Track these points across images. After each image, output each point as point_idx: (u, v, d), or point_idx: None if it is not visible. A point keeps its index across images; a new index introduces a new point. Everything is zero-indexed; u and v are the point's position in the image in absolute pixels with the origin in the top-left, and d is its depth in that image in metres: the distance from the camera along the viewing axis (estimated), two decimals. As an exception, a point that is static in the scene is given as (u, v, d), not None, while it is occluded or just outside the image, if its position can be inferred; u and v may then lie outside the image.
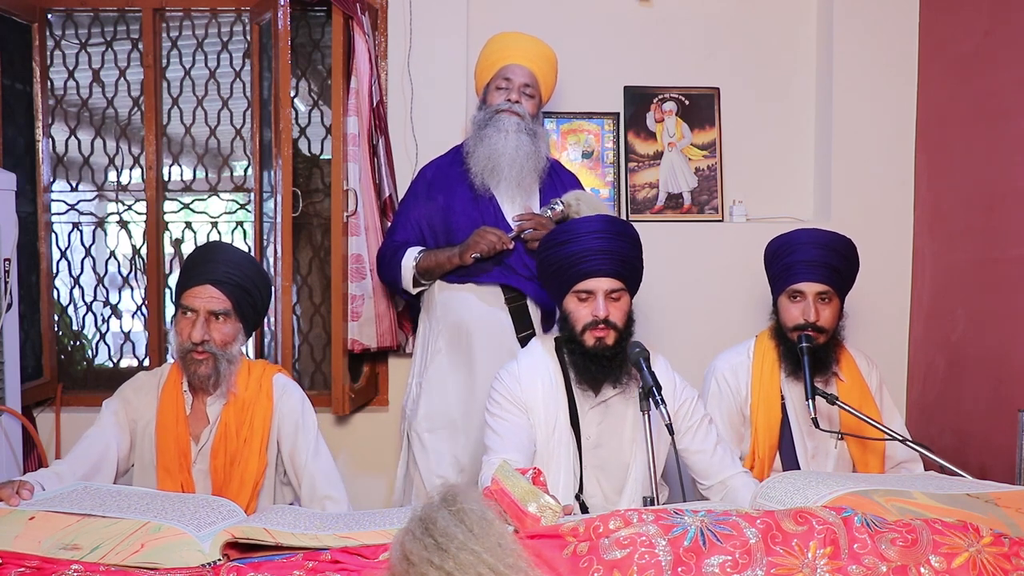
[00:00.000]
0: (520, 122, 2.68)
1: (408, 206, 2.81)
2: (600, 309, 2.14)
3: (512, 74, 2.74)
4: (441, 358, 2.72)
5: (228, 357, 2.17)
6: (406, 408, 2.84)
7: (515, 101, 2.70)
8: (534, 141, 2.69)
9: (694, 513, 1.54)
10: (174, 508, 1.80)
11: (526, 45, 2.81)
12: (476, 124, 2.74)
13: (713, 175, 3.37)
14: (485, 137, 2.67)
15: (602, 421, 2.22)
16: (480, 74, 2.85)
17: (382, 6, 3.22)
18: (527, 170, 2.69)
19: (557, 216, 2.69)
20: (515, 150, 2.65)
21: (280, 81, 2.92)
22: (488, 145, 2.66)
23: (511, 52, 2.78)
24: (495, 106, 2.71)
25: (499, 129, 2.66)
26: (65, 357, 3.37)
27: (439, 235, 2.73)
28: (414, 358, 2.87)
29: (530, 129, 2.70)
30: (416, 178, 2.88)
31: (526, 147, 2.67)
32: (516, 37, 2.85)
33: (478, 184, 2.69)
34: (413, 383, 2.83)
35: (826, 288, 2.39)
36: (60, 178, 3.36)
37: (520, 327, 2.69)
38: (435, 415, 2.72)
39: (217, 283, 2.15)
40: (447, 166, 2.81)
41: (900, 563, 1.45)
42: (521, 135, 2.66)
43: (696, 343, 3.05)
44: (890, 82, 3.26)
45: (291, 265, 3.02)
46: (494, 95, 2.74)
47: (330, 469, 2.24)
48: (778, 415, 2.45)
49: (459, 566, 1.32)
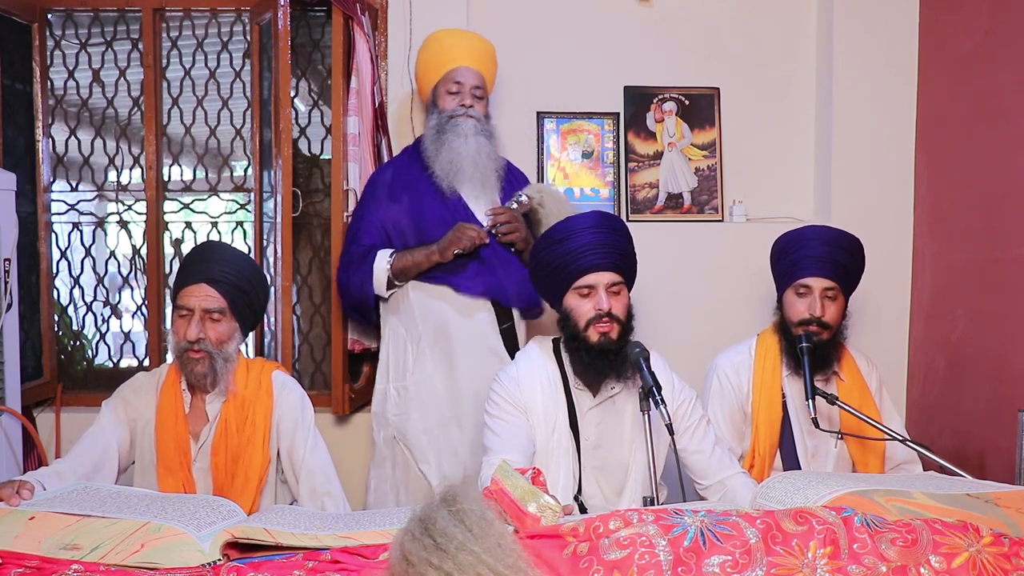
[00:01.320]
0: (477, 124, 2.74)
1: (369, 209, 2.80)
2: (603, 302, 2.15)
3: (462, 77, 2.78)
4: (425, 360, 2.72)
5: (224, 356, 2.18)
6: (386, 414, 2.79)
7: (469, 106, 2.75)
8: (491, 141, 2.77)
9: (694, 513, 1.54)
10: (174, 508, 1.80)
11: (471, 45, 2.84)
12: (433, 129, 2.76)
13: (713, 175, 3.37)
14: (446, 142, 2.72)
15: (601, 422, 2.23)
16: (425, 75, 2.87)
17: (382, 6, 3.22)
18: (489, 170, 2.76)
19: (523, 209, 2.78)
20: (476, 152, 2.71)
21: (280, 81, 2.92)
22: (450, 149, 2.71)
23: (458, 54, 2.80)
24: (450, 111, 2.75)
25: (458, 134, 2.71)
26: (65, 357, 3.37)
27: (408, 236, 2.74)
28: (386, 363, 2.82)
29: (486, 130, 2.77)
30: (371, 182, 2.87)
31: (486, 148, 2.73)
32: (459, 37, 2.87)
33: (444, 187, 2.72)
34: (391, 388, 2.79)
35: (833, 284, 2.40)
36: (60, 178, 3.36)
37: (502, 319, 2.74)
38: (429, 417, 2.71)
39: (212, 282, 2.16)
40: (405, 168, 2.82)
41: (900, 563, 1.45)
42: (480, 137, 2.73)
43: (696, 343, 3.05)
44: (890, 82, 3.26)
45: (291, 265, 3.02)
46: (446, 99, 2.78)
47: (327, 465, 2.24)
48: (779, 413, 2.46)
49: (458, 566, 1.32)
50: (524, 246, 2.74)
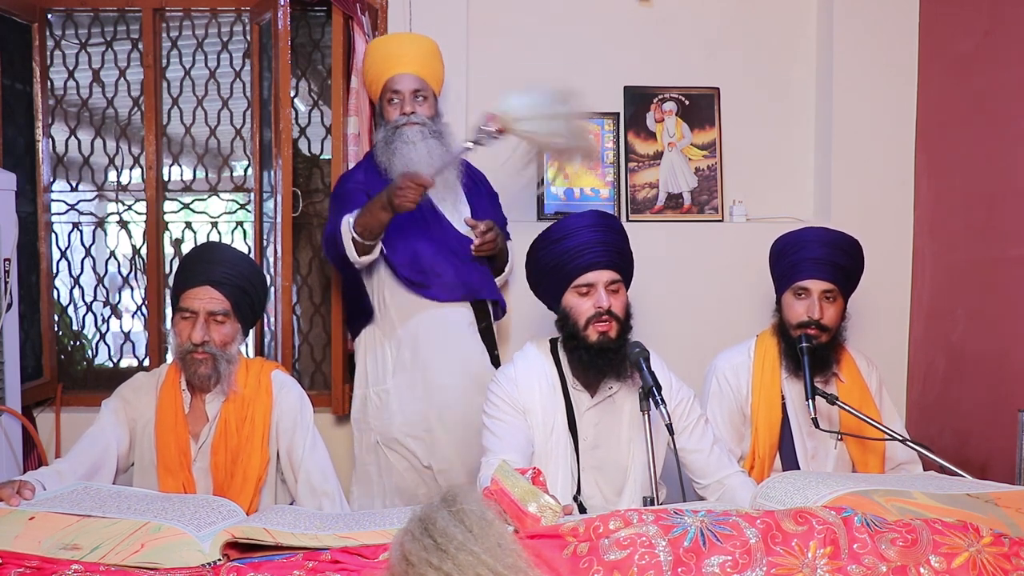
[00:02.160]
0: (423, 129, 2.70)
1: (345, 199, 2.72)
2: (603, 300, 2.15)
3: (399, 85, 2.74)
4: (406, 362, 2.70)
5: (227, 357, 2.19)
6: (367, 419, 2.77)
7: (410, 112, 2.72)
8: (442, 141, 2.72)
9: (694, 513, 1.54)
10: (174, 508, 1.80)
11: (407, 49, 2.80)
12: (382, 141, 2.74)
13: (713, 175, 3.37)
14: (396, 151, 2.68)
15: (599, 422, 2.23)
16: (370, 86, 2.86)
17: (382, 6, 3.22)
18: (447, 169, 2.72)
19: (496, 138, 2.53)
20: (428, 156, 2.66)
21: (280, 81, 2.92)
22: (401, 157, 2.67)
23: (393, 63, 2.77)
24: (394, 122, 2.72)
25: (405, 141, 2.68)
26: (65, 357, 3.37)
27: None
28: (363, 368, 2.80)
29: (435, 131, 2.72)
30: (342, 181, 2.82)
31: (437, 149, 2.69)
32: (395, 43, 2.85)
33: None
34: (370, 392, 2.76)
35: (831, 286, 2.39)
36: (60, 178, 3.35)
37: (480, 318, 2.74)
38: (413, 419, 2.68)
39: (216, 284, 2.17)
40: (373, 173, 2.77)
41: (900, 563, 1.45)
42: (428, 140, 2.69)
43: (696, 343, 3.04)
44: (890, 82, 3.26)
45: (291, 265, 3.02)
46: (388, 110, 2.76)
47: (326, 465, 2.25)
48: (778, 414, 2.45)
49: (458, 567, 1.32)
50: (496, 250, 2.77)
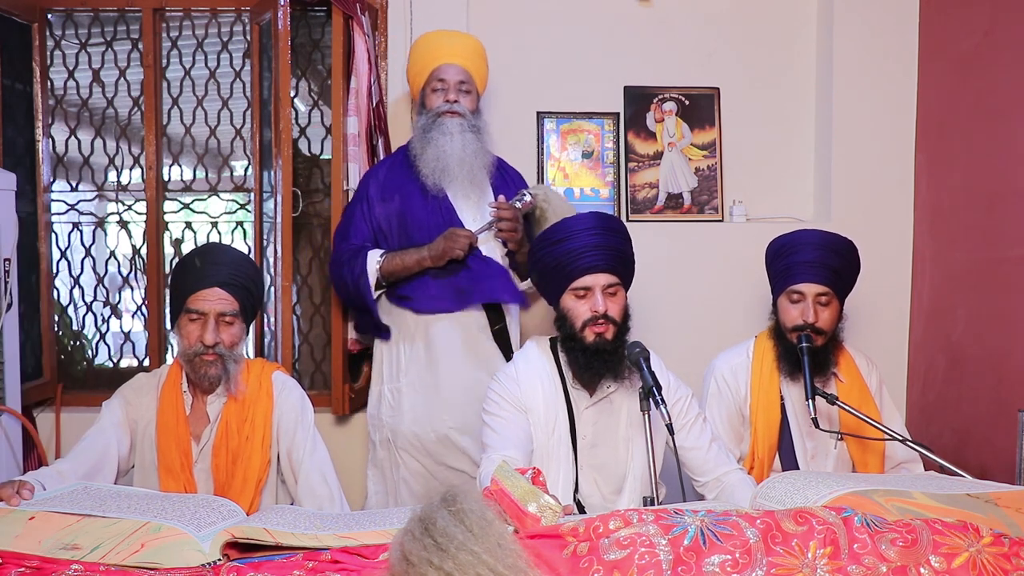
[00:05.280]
0: (463, 121, 2.71)
1: (360, 208, 2.79)
2: (599, 304, 2.15)
3: (446, 74, 2.76)
4: (420, 361, 2.71)
5: (235, 357, 2.20)
6: (380, 416, 2.79)
7: (453, 101, 2.73)
8: (479, 138, 2.73)
9: (694, 513, 1.54)
10: (174, 508, 1.80)
11: (456, 42, 2.83)
12: (420, 129, 2.75)
13: (713, 175, 3.37)
14: (431, 140, 2.69)
15: (597, 421, 2.23)
16: (414, 79, 2.87)
17: (382, 6, 3.22)
18: (477, 167, 2.72)
19: (526, 208, 2.74)
20: (462, 150, 2.68)
21: (280, 81, 2.92)
22: (435, 147, 2.68)
23: (442, 53, 2.79)
24: (435, 109, 2.73)
25: (443, 132, 2.69)
26: (65, 357, 3.37)
27: (394, 237, 2.74)
28: (380, 364, 2.82)
29: (473, 126, 2.73)
30: (365, 180, 2.86)
31: (472, 145, 2.70)
32: (443, 36, 2.86)
33: (430, 185, 2.70)
34: (385, 389, 2.78)
35: (826, 289, 2.39)
36: (60, 178, 3.35)
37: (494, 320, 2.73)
38: (422, 420, 2.70)
39: (224, 285, 2.17)
40: (398, 168, 2.81)
41: (900, 563, 1.45)
42: (466, 134, 2.70)
43: (696, 343, 3.05)
44: (890, 82, 3.26)
45: (291, 265, 3.02)
46: (431, 97, 2.76)
47: (326, 466, 2.25)
48: (777, 415, 2.45)
49: (459, 566, 1.32)
50: (517, 248, 2.73)
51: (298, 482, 2.22)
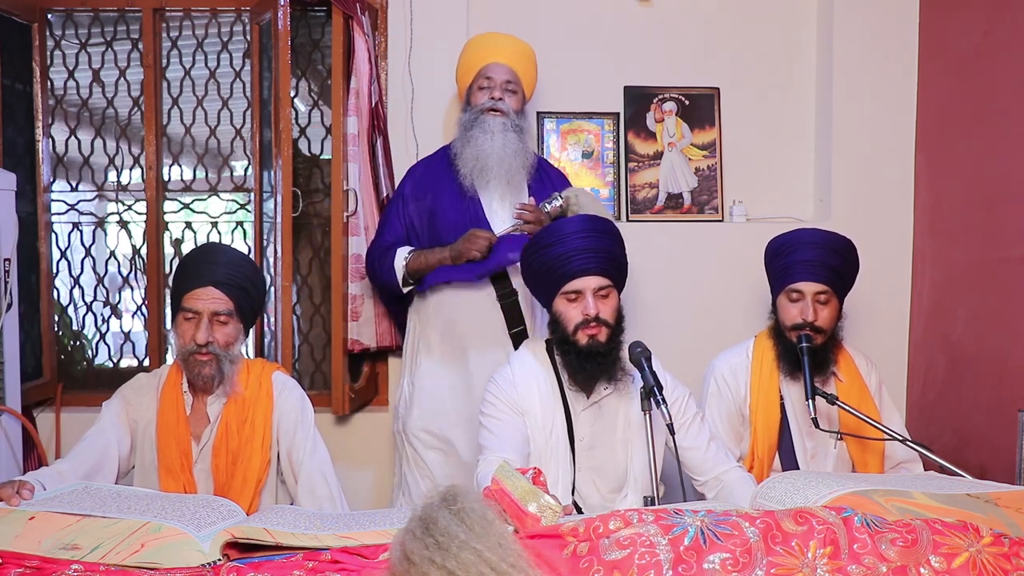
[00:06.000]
0: (505, 121, 2.70)
1: (397, 206, 2.83)
2: (590, 307, 2.15)
3: (493, 72, 2.77)
4: (433, 356, 2.73)
5: (230, 357, 2.19)
6: (399, 408, 2.84)
7: (498, 99, 2.72)
8: (521, 138, 2.72)
9: (694, 513, 1.54)
10: (174, 508, 1.80)
11: (504, 43, 2.83)
12: (462, 126, 2.75)
13: (713, 175, 3.37)
14: (472, 139, 2.69)
15: (595, 422, 2.23)
16: (462, 77, 2.87)
17: (382, 6, 3.22)
18: (515, 168, 2.72)
19: (556, 212, 2.72)
20: (502, 149, 2.67)
21: (280, 81, 2.92)
22: (475, 146, 2.68)
23: (490, 52, 2.80)
24: (479, 106, 2.73)
25: (485, 130, 2.68)
26: (65, 357, 3.37)
27: (424, 235, 2.75)
28: (404, 358, 2.89)
29: (516, 126, 2.72)
30: (405, 177, 2.89)
31: (513, 145, 2.69)
32: (494, 37, 2.87)
33: (467, 184, 2.70)
34: (405, 383, 2.84)
35: (825, 288, 2.39)
36: (60, 178, 3.36)
37: (511, 323, 2.70)
38: (428, 415, 2.72)
39: (219, 284, 2.17)
40: (436, 165, 2.82)
41: (900, 563, 1.45)
42: (508, 133, 2.69)
43: (696, 343, 3.05)
44: (890, 82, 3.26)
45: (291, 265, 3.02)
46: (477, 95, 2.76)
47: (326, 467, 2.24)
48: (777, 415, 2.45)
49: (461, 565, 1.32)
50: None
51: (298, 482, 2.22)
